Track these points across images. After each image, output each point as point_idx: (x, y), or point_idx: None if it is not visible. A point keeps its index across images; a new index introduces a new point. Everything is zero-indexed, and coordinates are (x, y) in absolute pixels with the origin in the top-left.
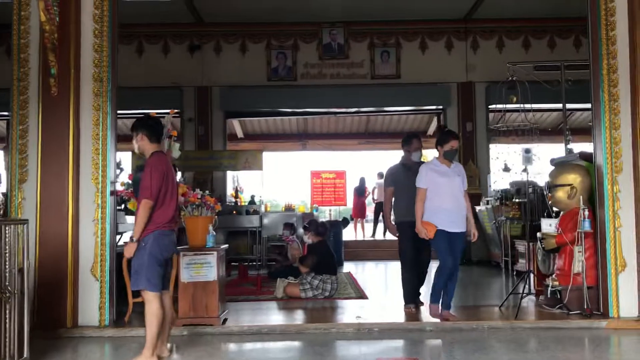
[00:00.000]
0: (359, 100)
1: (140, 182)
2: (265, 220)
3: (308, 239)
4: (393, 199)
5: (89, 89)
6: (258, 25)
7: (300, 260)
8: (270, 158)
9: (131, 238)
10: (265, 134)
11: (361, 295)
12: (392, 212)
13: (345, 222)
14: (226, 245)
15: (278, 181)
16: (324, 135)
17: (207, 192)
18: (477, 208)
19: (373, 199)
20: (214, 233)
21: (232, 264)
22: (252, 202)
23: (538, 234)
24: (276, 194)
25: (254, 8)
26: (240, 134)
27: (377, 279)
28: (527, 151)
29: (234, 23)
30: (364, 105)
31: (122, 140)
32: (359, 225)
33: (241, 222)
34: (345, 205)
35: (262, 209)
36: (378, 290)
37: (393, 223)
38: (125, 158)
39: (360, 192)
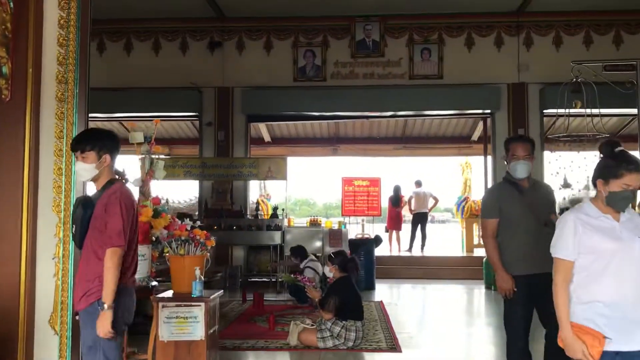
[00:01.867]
0: (396, 103)
1: (102, 223)
2: (288, 237)
3: (330, 272)
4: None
5: (50, 93)
6: (284, 19)
7: (321, 304)
8: (300, 163)
9: (101, 305)
10: (294, 138)
11: (393, 346)
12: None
13: (378, 240)
14: (220, 292)
15: (309, 187)
16: (356, 139)
17: (197, 222)
18: None
19: (410, 209)
20: (202, 278)
21: (251, 280)
22: (274, 215)
23: None
24: (311, 195)
25: (280, 1)
26: (267, 137)
27: (414, 313)
28: None
29: (258, 18)
30: (401, 109)
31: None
32: (394, 238)
33: (261, 238)
34: (379, 215)
35: (285, 223)
36: (416, 332)
37: (505, 273)
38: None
39: (395, 202)
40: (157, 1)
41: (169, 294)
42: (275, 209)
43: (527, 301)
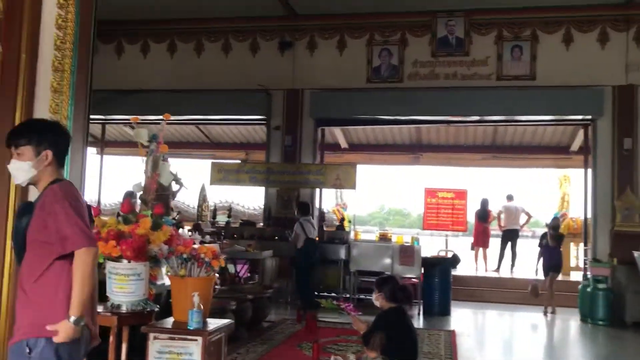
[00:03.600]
0: (482, 107)
1: (40, 231)
2: (355, 252)
3: (376, 300)
4: None
5: (45, 83)
6: (359, 16)
7: (364, 339)
8: (387, 171)
9: (70, 317)
10: (372, 145)
11: None
12: None
13: (455, 260)
14: (227, 322)
15: (402, 196)
16: (441, 147)
17: (207, 238)
18: (637, 254)
19: (500, 225)
20: (201, 308)
21: (317, 294)
22: (340, 227)
23: None
24: (405, 205)
25: None
26: (343, 144)
27: (490, 349)
28: None
29: (332, 15)
30: (488, 113)
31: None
32: (480, 255)
33: (325, 252)
34: (465, 230)
35: (351, 236)
36: None
37: None
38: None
39: (482, 216)
40: (227, 0)
41: (167, 322)
42: (342, 220)
43: None
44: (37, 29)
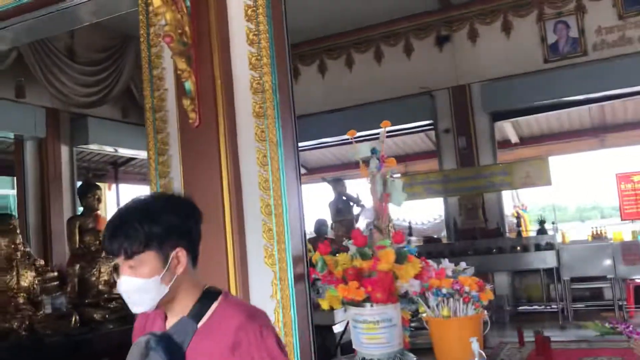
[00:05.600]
0: None
1: None
2: (565, 256)
3: None
4: None
5: (246, 108)
6: None
7: None
8: (557, 163)
9: None
10: (547, 135)
11: None
12: None
13: None
14: None
15: (555, 189)
16: (628, 124)
17: (464, 267)
18: None
19: None
20: (484, 356)
21: (520, 309)
22: (541, 231)
23: None
24: (559, 198)
25: None
26: (514, 138)
27: None
28: None
29: None
30: None
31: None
32: None
33: (528, 261)
34: None
35: (558, 239)
36: None
37: None
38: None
39: None
40: (373, 5)
41: None
42: (542, 222)
43: None
44: (228, 49)
